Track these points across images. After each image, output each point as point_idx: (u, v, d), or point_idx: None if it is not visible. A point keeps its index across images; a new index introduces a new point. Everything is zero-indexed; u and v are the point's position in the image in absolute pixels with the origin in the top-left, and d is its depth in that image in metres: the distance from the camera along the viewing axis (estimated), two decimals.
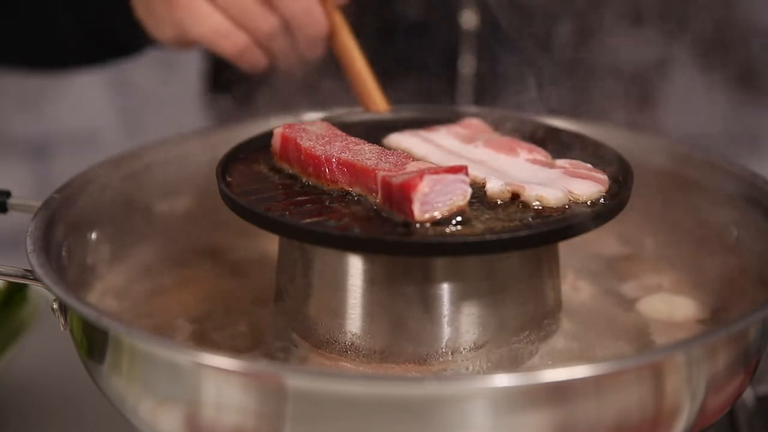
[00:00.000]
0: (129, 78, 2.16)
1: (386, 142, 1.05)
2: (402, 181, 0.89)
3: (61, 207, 1.03)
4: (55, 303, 0.94)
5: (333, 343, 0.96)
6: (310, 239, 0.91)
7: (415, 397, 0.80)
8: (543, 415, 0.81)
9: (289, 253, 0.99)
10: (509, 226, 0.89)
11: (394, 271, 0.93)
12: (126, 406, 0.90)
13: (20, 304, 1.22)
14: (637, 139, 1.16)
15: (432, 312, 0.93)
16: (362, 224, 0.90)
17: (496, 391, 0.80)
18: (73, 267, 1.02)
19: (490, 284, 0.94)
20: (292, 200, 0.94)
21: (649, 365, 0.84)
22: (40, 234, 0.97)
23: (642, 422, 0.84)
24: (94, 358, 0.91)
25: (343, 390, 0.81)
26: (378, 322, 0.94)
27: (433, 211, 0.89)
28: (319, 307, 0.96)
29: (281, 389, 0.81)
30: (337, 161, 0.95)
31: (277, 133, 1.01)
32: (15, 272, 0.95)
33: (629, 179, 0.98)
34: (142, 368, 0.87)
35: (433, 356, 0.94)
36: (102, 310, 0.88)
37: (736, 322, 0.87)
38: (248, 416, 0.83)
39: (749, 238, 1.07)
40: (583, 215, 0.92)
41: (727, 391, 0.89)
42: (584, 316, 1.05)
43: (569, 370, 0.80)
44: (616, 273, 1.13)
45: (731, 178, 1.10)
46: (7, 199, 1.06)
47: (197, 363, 0.83)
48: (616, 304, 1.09)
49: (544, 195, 0.93)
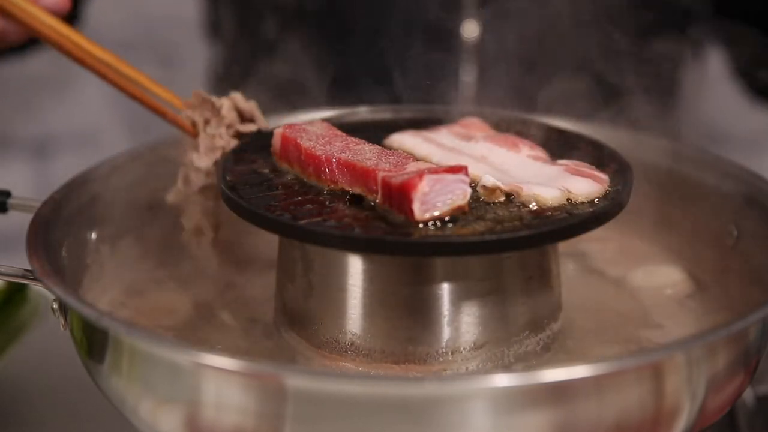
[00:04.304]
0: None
1: (387, 142, 1.05)
2: (402, 181, 0.89)
3: (61, 207, 1.03)
4: (55, 303, 0.94)
5: (333, 343, 0.96)
6: (310, 239, 0.91)
7: (415, 397, 0.80)
8: (543, 415, 0.81)
9: (289, 253, 0.99)
10: (509, 226, 0.89)
11: (394, 271, 0.93)
12: (126, 406, 0.90)
13: (20, 304, 1.22)
14: (637, 139, 1.16)
15: (432, 312, 0.93)
16: (362, 224, 0.90)
17: (496, 391, 0.80)
18: (73, 267, 1.02)
19: (490, 284, 0.94)
20: (292, 200, 0.94)
21: (649, 365, 0.84)
22: (40, 234, 0.97)
23: (642, 422, 0.84)
24: (94, 358, 0.91)
25: (343, 390, 0.81)
26: (378, 322, 0.94)
27: (433, 211, 0.89)
28: (319, 307, 0.96)
29: (281, 389, 0.81)
30: (337, 161, 0.95)
31: (277, 133, 1.01)
32: (15, 272, 0.95)
33: (629, 179, 0.98)
34: (142, 368, 0.87)
35: (433, 356, 0.94)
36: (102, 310, 0.88)
37: (736, 322, 0.87)
38: (248, 416, 0.83)
39: (749, 238, 1.07)
40: (583, 215, 0.92)
41: (727, 391, 0.89)
42: (584, 315, 1.05)
43: (569, 370, 0.80)
44: (616, 273, 1.13)
45: (731, 178, 1.10)
46: (7, 199, 1.06)
47: (197, 363, 0.83)
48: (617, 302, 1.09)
49: (540, 194, 0.93)
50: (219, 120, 1.04)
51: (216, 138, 1.04)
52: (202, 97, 1.06)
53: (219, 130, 1.04)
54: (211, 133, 1.04)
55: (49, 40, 1.07)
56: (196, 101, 1.06)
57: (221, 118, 1.04)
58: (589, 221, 0.92)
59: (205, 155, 1.04)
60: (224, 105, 1.05)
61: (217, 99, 1.05)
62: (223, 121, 1.04)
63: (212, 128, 1.04)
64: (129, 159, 1.13)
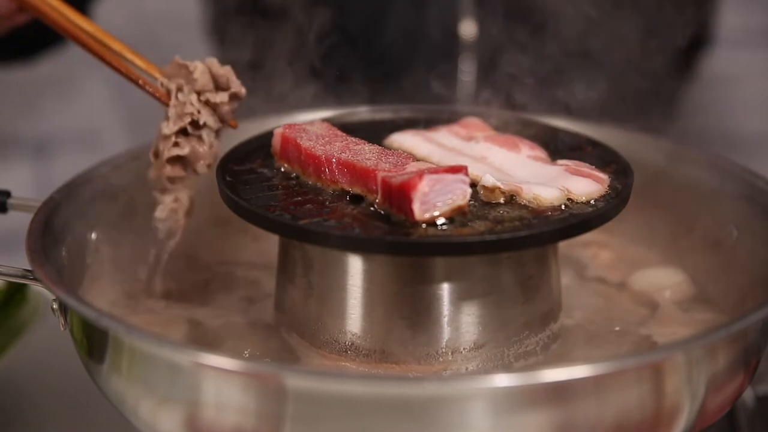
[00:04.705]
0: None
1: (387, 142, 1.05)
2: (402, 181, 0.89)
3: (61, 207, 1.03)
4: (55, 303, 0.94)
5: (333, 343, 0.96)
6: (310, 239, 0.91)
7: (415, 397, 0.80)
8: (543, 415, 0.81)
9: (289, 253, 0.99)
10: (509, 226, 0.89)
11: (394, 271, 0.93)
12: (126, 406, 0.90)
13: (20, 304, 1.22)
14: (637, 139, 1.16)
15: (432, 312, 0.93)
16: (362, 224, 0.90)
17: (496, 391, 0.80)
18: (73, 267, 1.02)
19: (490, 284, 0.94)
20: (292, 200, 0.94)
21: (649, 365, 0.84)
22: (40, 234, 0.97)
23: (642, 422, 0.84)
24: (94, 358, 0.91)
25: (343, 390, 0.81)
26: (378, 322, 0.94)
27: (433, 211, 0.89)
28: (319, 307, 0.96)
29: (281, 389, 0.81)
30: (337, 161, 0.95)
31: (277, 133, 1.01)
32: (15, 272, 0.95)
33: (629, 179, 0.98)
34: (142, 368, 0.87)
35: (433, 356, 0.94)
36: (102, 310, 0.88)
37: (736, 322, 0.87)
38: (248, 416, 0.83)
39: (749, 238, 1.07)
40: (583, 215, 0.92)
41: (727, 391, 0.89)
42: (585, 315, 1.05)
43: (569, 370, 0.80)
44: (615, 274, 1.13)
45: (731, 178, 1.10)
46: (7, 199, 1.06)
47: (197, 363, 0.83)
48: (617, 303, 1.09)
49: (540, 194, 0.93)
50: (191, 86, 1.02)
51: (186, 105, 1.02)
52: (179, 63, 1.04)
53: (190, 97, 1.02)
54: (182, 100, 1.02)
55: (30, 6, 1.06)
56: (173, 70, 1.04)
57: (194, 82, 1.02)
58: (589, 221, 0.92)
59: (173, 122, 1.02)
60: (197, 68, 1.02)
61: (192, 63, 1.03)
62: (195, 84, 1.02)
63: (184, 95, 1.02)
64: (129, 159, 1.13)
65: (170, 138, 1.02)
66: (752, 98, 2.10)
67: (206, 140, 1.02)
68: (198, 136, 1.02)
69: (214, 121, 1.02)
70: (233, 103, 1.03)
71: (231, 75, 1.03)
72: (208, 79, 1.02)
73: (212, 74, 1.02)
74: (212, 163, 1.03)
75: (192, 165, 1.03)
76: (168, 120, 1.02)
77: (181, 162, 1.03)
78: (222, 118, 1.03)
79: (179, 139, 1.02)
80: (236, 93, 1.03)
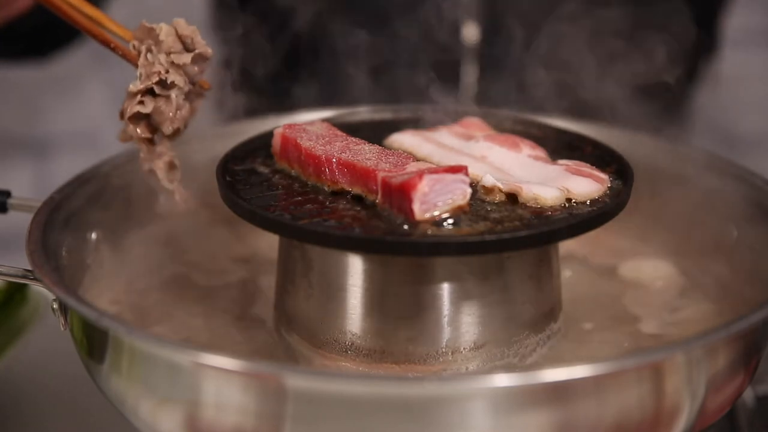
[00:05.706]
0: (129, 78, 2.16)
1: (387, 142, 1.05)
2: (402, 181, 0.89)
3: (61, 207, 1.03)
4: (55, 303, 0.94)
5: (333, 343, 0.96)
6: (310, 239, 0.91)
7: (415, 397, 0.80)
8: (543, 415, 0.81)
9: (289, 253, 0.99)
10: (509, 226, 0.89)
11: (394, 271, 0.93)
12: (126, 406, 0.90)
13: (20, 304, 1.22)
14: (637, 139, 1.16)
15: (432, 312, 0.93)
16: (362, 224, 0.90)
17: (496, 391, 0.80)
18: (73, 267, 1.02)
19: (490, 284, 0.94)
20: (292, 200, 0.94)
21: (649, 365, 0.84)
22: (40, 234, 0.97)
23: (642, 422, 0.84)
24: (94, 358, 0.91)
25: (343, 390, 0.81)
26: (378, 323, 0.94)
27: (433, 211, 0.89)
28: (319, 307, 0.96)
29: (281, 389, 0.81)
30: (337, 161, 0.95)
31: (277, 133, 1.01)
32: (15, 272, 0.95)
33: (629, 179, 0.98)
34: (142, 368, 0.87)
35: (433, 356, 0.94)
36: (102, 310, 0.88)
37: (736, 322, 0.87)
38: (248, 416, 0.83)
39: (749, 238, 1.07)
40: (583, 215, 0.92)
41: (727, 391, 0.89)
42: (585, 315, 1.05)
43: (569, 370, 0.80)
44: (615, 274, 1.13)
45: (731, 178, 1.10)
46: (7, 199, 1.06)
47: (197, 363, 0.83)
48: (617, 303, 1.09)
49: (540, 194, 0.93)
50: (159, 47, 1.02)
51: (154, 64, 1.01)
52: (146, 26, 1.04)
53: (158, 57, 1.01)
54: (150, 60, 1.01)
55: None
56: (142, 33, 1.03)
57: (160, 43, 1.02)
58: (589, 221, 0.92)
59: (141, 82, 1.01)
60: (162, 29, 1.02)
61: (158, 25, 1.03)
62: (162, 46, 1.01)
63: (153, 55, 1.01)
64: (129, 159, 1.13)
65: (136, 96, 1.02)
66: (752, 98, 2.10)
67: (174, 101, 1.02)
68: (166, 96, 1.02)
69: (184, 81, 1.02)
70: (201, 63, 1.03)
71: (196, 36, 1.02)
72: (174, 40, 1.02)
73: (178, 35, 1.02)
74: (181, 127, 1.02)
75: (158, 126, 1.02)
76: (137, 80, 1.02)
77: (146, 121, 1.02)
78: (191, 80, 1.03)
79: (144, 98, 1.02)
80: (201, 53, 1.02)
